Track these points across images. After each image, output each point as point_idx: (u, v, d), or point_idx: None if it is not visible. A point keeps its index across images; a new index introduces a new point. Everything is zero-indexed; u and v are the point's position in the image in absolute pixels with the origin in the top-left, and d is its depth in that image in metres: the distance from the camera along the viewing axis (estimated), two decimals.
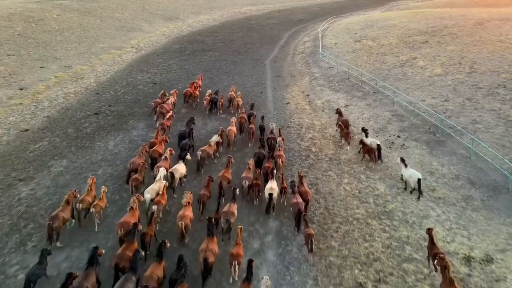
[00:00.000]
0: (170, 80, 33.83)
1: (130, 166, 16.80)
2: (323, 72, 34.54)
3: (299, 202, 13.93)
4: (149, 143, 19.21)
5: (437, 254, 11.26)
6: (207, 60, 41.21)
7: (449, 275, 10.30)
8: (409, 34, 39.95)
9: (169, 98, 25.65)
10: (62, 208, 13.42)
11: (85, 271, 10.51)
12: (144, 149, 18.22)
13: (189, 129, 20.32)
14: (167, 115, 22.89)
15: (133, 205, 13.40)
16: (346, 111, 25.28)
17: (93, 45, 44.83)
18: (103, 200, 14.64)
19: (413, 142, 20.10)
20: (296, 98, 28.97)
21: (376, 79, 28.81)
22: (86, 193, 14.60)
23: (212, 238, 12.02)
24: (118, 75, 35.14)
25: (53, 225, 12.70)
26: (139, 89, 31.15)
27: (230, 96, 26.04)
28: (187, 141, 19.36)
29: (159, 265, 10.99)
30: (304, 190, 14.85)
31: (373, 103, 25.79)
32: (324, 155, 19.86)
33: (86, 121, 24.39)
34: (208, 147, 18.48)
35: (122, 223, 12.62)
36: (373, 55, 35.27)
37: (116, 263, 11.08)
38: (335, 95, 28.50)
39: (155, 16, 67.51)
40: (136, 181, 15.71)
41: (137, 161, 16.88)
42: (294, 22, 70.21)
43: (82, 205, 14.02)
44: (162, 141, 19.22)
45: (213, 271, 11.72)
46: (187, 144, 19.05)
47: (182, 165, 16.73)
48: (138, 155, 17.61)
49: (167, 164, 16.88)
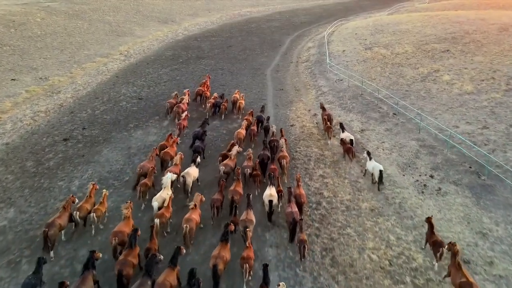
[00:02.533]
0: (158, 94, 29.79)
1: (139, 170, 16.26)
2: (331, 86, 30.47)
3: (293, 212, 13.34)
4: (159, 146, 18.85)
5: (436, 242, 12.03)
6: (201, 70, 37.17)
7: (457, 260, 10.93)
8: (426, 41, 35.86)
9: (183, 98, 25.76)
10: (59, 214, 12.98)
11: (81, 275, 10.42)
12: (154, 153, 17.67)
13: (202, 131, 20.03)
14: (183, 115, 22.82)
15: (126, 213, 12.90)
16: (362, 138, 21.21)
17: (77, 52, 40.82)
18: (104, 204, 14.09)
19: (452, 186, 15.99)
20: (301, 118, 24.90)
21: (395, 97, 24.75)
22: (84, 200, 14.04)
23: (226, 244, 11.76)
24: (100, 88, 31.12)
25: (48, 232, 12.27)
26: (121, 107, 27.12)
27: (234, 99, 25.89)
28: (200, 143, 19.04)
29: (173, 271, 10.68)
30: (299, 193, 14.48)
31: (394, 128, 21.70)
32: (340, 201, 15.78)
33: (52, 150, 20.38)
34: (230, 160, 17.18)
35: (116, 232, 12.28)
36: (388, 66, 31.19)
37: (119, 269, 10.83)
38: (347, 115, 24.42)
39: (149, 19, 63.51)
40: (145, 186, 15.23)
41: (147, 165, 16.35)
42: (296, 25, 66.16)
43: (80, 213, 13.50)
44: (173, 143, 18.92)
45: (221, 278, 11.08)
46: (200, 146, 18.72)
47: (194, 168, 16.22)
48: (148, 159, 17.15)
49: (177, 169, 16.43)
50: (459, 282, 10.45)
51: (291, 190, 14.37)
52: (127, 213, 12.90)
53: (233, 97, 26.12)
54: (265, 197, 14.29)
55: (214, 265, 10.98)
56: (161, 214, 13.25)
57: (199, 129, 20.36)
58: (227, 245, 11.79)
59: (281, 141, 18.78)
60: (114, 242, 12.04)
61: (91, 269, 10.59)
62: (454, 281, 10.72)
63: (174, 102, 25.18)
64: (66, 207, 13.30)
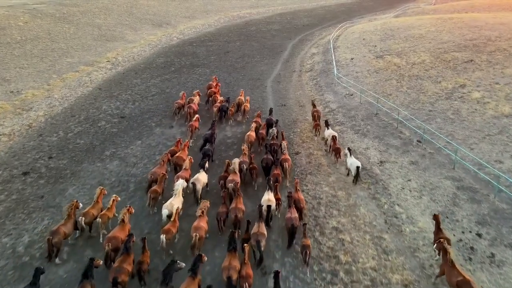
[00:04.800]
0: (143, 111, 26.15)
1: (150, 177, 15.82)
2: (340, 101, 26.80)
3: (293, 217, 13.09)
4: (170, 151, 18.29)
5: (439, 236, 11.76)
6: (195, 80, 33.53)
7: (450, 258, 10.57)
8: (445, 49, 32.20)
9: (192, 99, 25.07)
10: (64, 222, 12.62)
11: (80, 284, 10.15)
12: (166, 158, 17.22)
13: (212, 133, 19.69)
14: (195, 116, 22.13)
15: (123, 218, 12.54)
16: (382, 173, 17.54)
17: (59, 60, 37.20)
18: (112, 210, 13.67)
19: (509, 252, 12.31)
20: (307, 143, 21.24)
21: (417, 120, 21.08)
22: (91, 206, 13.71)
23: (234, 254, 11.44)
24: (78, 104, 27.49)
25: (53, 240, 11.97)
26: (99, 128, 23.49)
27: (239, 101, 24.92)
28: (209, 146, 18.70)
29: (193, 281, 10.36)
30: (298, 198, 14.23)
31: (420, 160, 18.00)
32: (362, 270, 12.13)
33: (5, 189, 16.73)
34: (234, 175, 15.82)
35: (110, 237, 11.93)
36: (405, 79, 27.52)
37: (114, 277, 10.43)
38: (362, 141, 20.74)
39: (142, 21, 59.90)
40: (155, 193, 14.76)
41: (158, 171, 15.93)
42: (298, 28, 62.49)
43: (85, 219, 13.12)
44: (185, 147, 18.51)
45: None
46: (209, 149, 18.39)
47: (203, 174, 15.90)
48: (160, 164, 16.76)
49: (188, 174, 16.06)
50: (456, 281, 10.07)
51: (291, 194, 14.11)
52: (124, 217, 12.49)
53: (237, 99, 25.06)
54: (263, 202, 13.97)
55: (228, 277, 10.80)
56: (167, 230, 12.42)
57: (209, 131, 19.98)
58: (236, 254, 11.49)
59: (283, 143, 18.54)
60: (108, 248, 11.69)
61: (90, 278, 10.32)
62: (450, 280, 10.38)
63: (182, 103, 24.56)
64: (70, 214, 12.84)
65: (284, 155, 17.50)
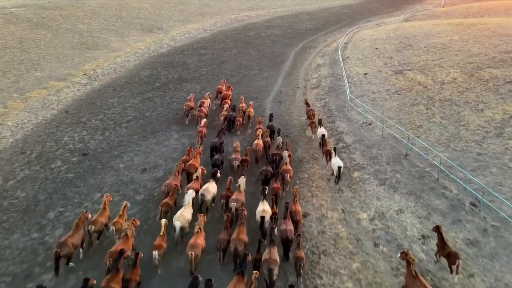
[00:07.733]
0: (112, 146, 21.07)
1: (165, 188, 15.12)
2: (356, 134, 21.64)
3: (287, 230, 12.54)
4: (183, 160, 17.47)
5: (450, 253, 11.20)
6: (181, 99, 28.34)
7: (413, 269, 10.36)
8: (477, 64, 27.06)
9: (203, 102, 24.30)
10: (72, 233, 12.16)
11: None
12: (180, 168, 16.35)
13: (219, 142, 18.85)
14: (202, 122, 21.38)
15: (128, 232, 12.08)
16: (428, 257, 12.41)
17: (25, 75, 32.16)
18: (124, 216, 13.42)
19: None
20: (319, 201, 16.00)
21: (461, 167, 15.93)
22: (99, 214, 13.34)
23: (243, 278, 10.53)
24: (34, 134, 22.43)
25: (61, 253, 11.58)
26: (51, 171, 18.40)
27: (242, 109, 23.98)
28: (219, 156, 17.86)
29: (243, 280, 10.33)
30: (295, 209, 13.68)
31: (482, 239, 12.73)
32: None
33: None
34: (239, 193, 14.70)
35: (112, 252, 11.43)
36: (436, 105, 22.36)
37: None
38: (391, 199, 15.52)
39: (131, 26, 54.83)
40: (166, 206, 14.10)
41: (172, 182, 15.23)
42: (301, 32, 57.37)
43: (95, 227, 12.82)
44: (197, 154, 17.70)
45: None
46: (219, 159, 17.53)
47: (213, 184, 15.30)
48: (174, 175, 16.01)
49: (198, 184, 15.44)
50: None
51: (288, 205, 13.61)
52: (128, 231, 12.08)
53: (240, 107, 24.04)
54: (257, 213, 13.73)
55: None
56: (158, 246, 11.83)
57: (216, 139, 19.19)
58: (243, 279, 10.47)
59: (284, 153, 17.74)
60: (109, 263, 11.15)
61: None
62: None
63: (191, 105, 24.03)
64: (79, 225, 12.43)
65: (286, 166, 16.80)
